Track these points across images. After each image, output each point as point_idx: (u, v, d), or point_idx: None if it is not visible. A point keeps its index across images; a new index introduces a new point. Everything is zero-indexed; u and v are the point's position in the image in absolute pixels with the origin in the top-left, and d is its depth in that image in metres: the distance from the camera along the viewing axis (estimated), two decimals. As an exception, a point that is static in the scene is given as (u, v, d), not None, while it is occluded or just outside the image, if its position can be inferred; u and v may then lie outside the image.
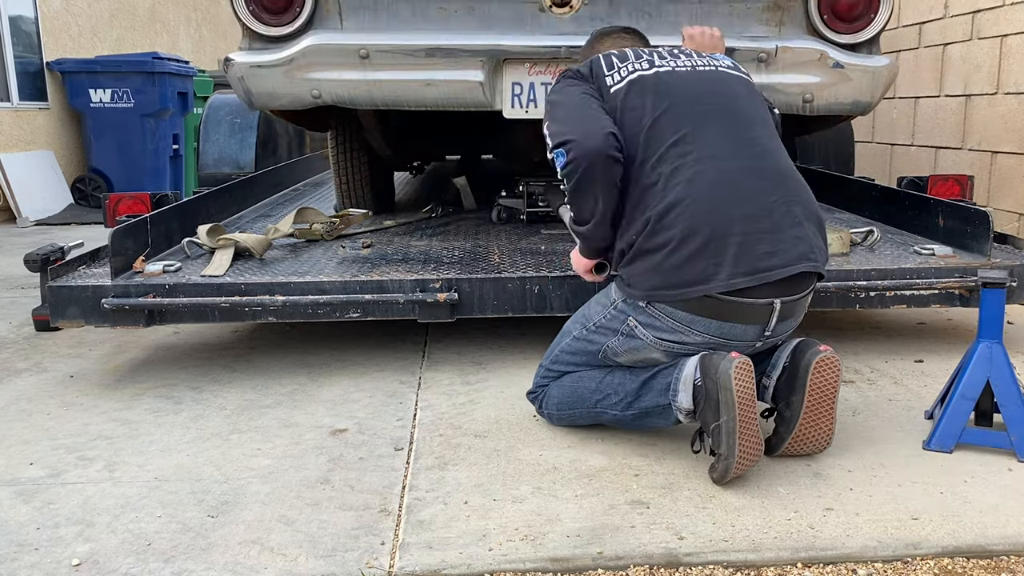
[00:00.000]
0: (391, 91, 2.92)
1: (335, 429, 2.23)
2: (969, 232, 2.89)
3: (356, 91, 2.92)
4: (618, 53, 2.12)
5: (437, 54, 2.87)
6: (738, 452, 1.78)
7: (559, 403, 2.14)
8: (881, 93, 3.03)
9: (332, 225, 3.26)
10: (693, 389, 1.88)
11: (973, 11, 4.95)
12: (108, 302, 2.47)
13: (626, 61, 2.08)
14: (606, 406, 2.05)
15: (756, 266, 1.83)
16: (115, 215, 3.22)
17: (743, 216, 1.85)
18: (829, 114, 3.09)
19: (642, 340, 1.95)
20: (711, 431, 1.83)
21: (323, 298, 2.53)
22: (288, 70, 2.89)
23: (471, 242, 3.17)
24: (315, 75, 2.89)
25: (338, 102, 2.96)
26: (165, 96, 7.70)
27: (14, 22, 7.48)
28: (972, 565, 1.59)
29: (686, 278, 1.84)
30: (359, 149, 3.74)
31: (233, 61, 2.92)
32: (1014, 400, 1.98)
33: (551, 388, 2.17)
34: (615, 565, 1.58)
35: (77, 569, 1.58)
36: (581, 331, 2.10)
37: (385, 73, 2.89)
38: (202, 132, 4.68)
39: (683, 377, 1.90)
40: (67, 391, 2.57)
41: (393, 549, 1.63)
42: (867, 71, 2.97)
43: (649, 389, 1.97)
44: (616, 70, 2.06)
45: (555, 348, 2.18)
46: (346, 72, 2.89)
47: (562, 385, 2.14)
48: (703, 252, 1.83)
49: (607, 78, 2.06)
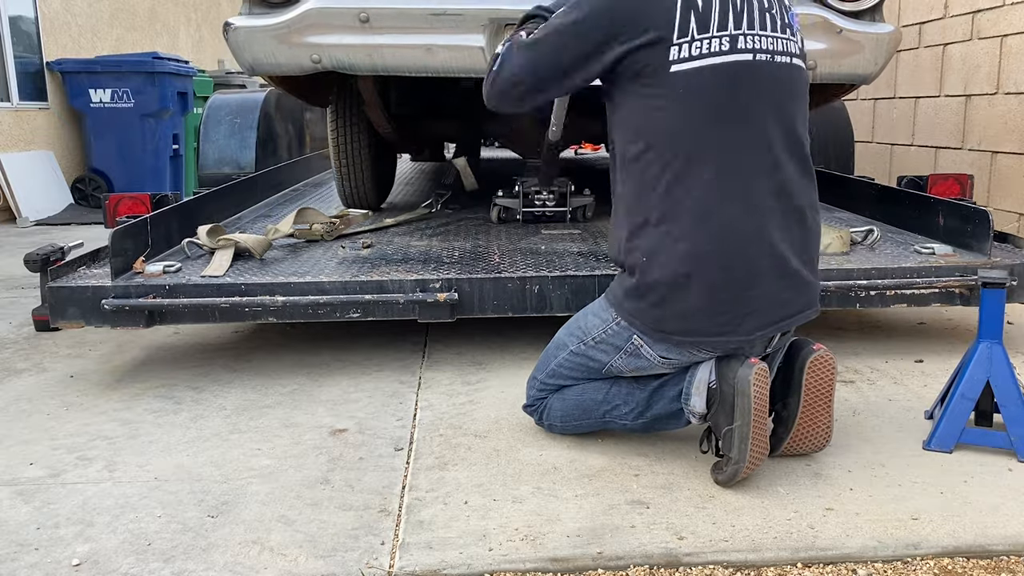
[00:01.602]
0: (391, 56, 2.88)
1: (335, 429, 2.23)
2: (969, 231, 2.89)
3: (356, 56, 2.88)
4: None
5: (438, 18, 2.82)
6: (749, 457, 1.78)
7: (563, 416, 2.08)
8: (884, 62, 2.99)
9: (332, 225, 3.25)
10: (707, 392, 1.86)
11: (973, 11, 4.95)
12: (108, 303, 2.47)
13: (709, 22, 1.74)
14: (615, 416, 2.01)
15: (778, 315, 1.83)
16: (115, 216, 3.22)
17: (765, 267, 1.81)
18: (832, 82, 3.05)
19: (648, 360, 1.90)
20: (723, 434, 1.82)
21: (323, 298, 2.53)
22: (288, 34, 2.85)
23: (471, 242, 3.17)
24: (315, 39, 2.86)
25: (338, 67, 2.91)
26: (165, 96, 7.70)
27: (14, 22, 7.48)
28: (972, 565, 1.59)
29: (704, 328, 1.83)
30: (359, 128, 3.69)
31: (233, 25, 2.88)
32: (1014, 400, 1.98)
33: (552, 401, 2.09)
34: (615, 565, 1.58)
35: (77, 569, 1.58)
36: (579, 346, 2.00)
37: (385, 37, 2.85)
38: (202, 132, 4.68)
39: (696, 381, 1.88)
40: (67, 391, 2.57)
41: (393, 549, 1.63)
42: (870, 38, 2.94)
43: (660, 397, 1.95)
44: (689, 36, 1.73)
45: (550, 361, 2.07)
46: (346, 36, 2.85)
47: (564, 398, 2.07)
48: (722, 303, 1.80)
49: (674, 47, 1.73)
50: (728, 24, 1.76)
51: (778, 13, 1.84)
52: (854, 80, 3.03)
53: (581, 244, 3.10)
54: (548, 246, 3.07)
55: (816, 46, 2.90)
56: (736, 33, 1.76)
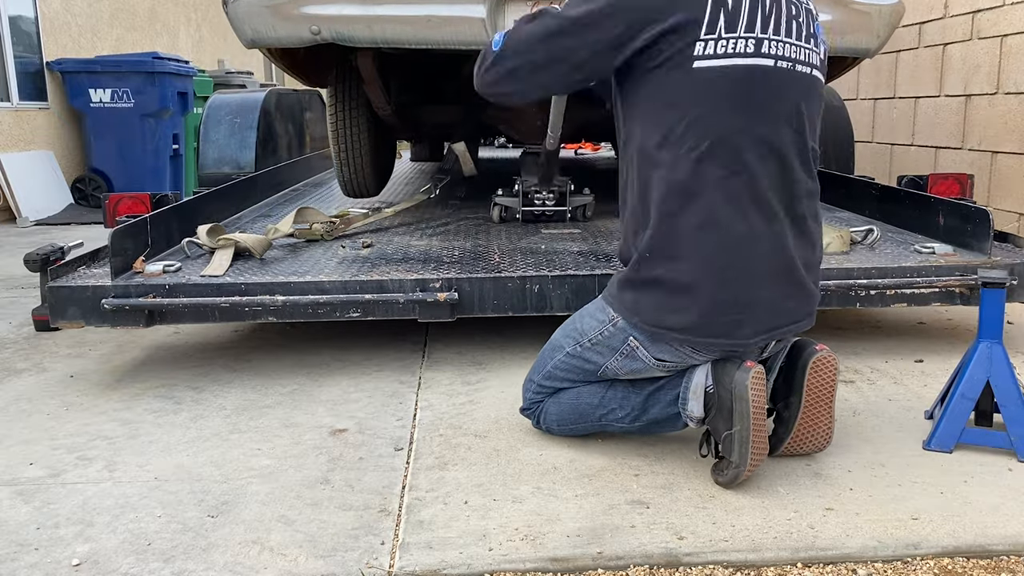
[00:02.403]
0: (391, 28, 2.84)
1: (335, 429, 2.23)
2: (969, 230, 2.89)
3: (355, 28, 2.85)
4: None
5: None
6: (749, 460, 1.78)
7: (559, 419, 2.08)
8: (887, 36, 2.93)
9: (332, 225, 3.25)
10: (705, 396, 1.85)
11: (973, 11, 4.95)
12: (108, 302, 2.47)
13: (737, 22, 1.71)
14: (611, 420, 2.00)
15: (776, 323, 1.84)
16: (115, 215, 3.22)
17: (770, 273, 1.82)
18: (833, 55, 3.03)
19: (644, 362, 1.89)
20: (722, 439, 1.81)
21: (323, 298, 2.53)
22: (287, 5, 2.83)
23: (471, 242, 3.17)
24: (314, 10, 2.83)
25: (337, 39, 2.89)
26: (165, 96, 7.70)
27: (14, 22, 7.48)
28: (972, 565, 1.59)
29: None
30: (358, 112, 3.66)
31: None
32: (1014, 400, 1.98)
33: (548, 404, 2.08)
34: (615, 565, 1.58)
35: (77, 569, 1.58)
36: (575, 347, 1.98)
37: (384, 8, 2.83)
38: (202, 132, 4.68)
39: (693, 386, 1.87)
40: (67, 391, 2.57)
41: (393, 549, 1.63)
42: (876, 9, 2.91)
43: (656, 401, 1.94)
44: (717, 34, 1.71)
45: (546, 363, 2.05)
46: (345, 7, 2.83)
47: (560, 402, 2.06)
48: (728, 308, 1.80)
49: (698, 43, 1.71)
50: (756, 26, 1.73)
51: (804, 22, 1.82)
52: (856, 54, 2.98)
53: (581, 243, 3.10)
54: (548, 245, 3.07)
55: (824, 17, 2.83)
56: (762, 37, 1.74)
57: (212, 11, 11.57)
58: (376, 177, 3.90)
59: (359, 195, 4.12)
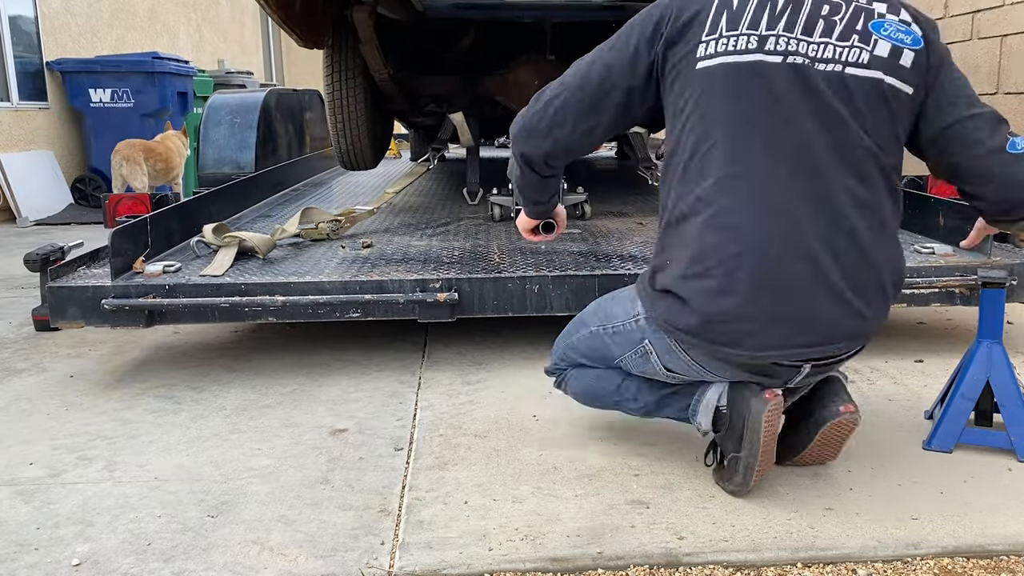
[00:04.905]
0: None
1: (335, 429, 2.23)
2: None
3: None
4: None
5: None
6: (752, 482, 1.78)
7: (578, 392, 2.08)
8: None
9: (338, 224, 3.26)
10: (715, 413, 1.83)
11: (973, 11, 4.95)
12: (108, 303, 2.47)
13: (740, 20, 1.68)
14: (625, 406, 2.01)
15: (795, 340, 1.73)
16: (115, 215, 3.22)
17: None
18: None
19: (654, 368, 1.87)
20: (729, 459, 1.80)
21: (323, 298, 2.53)
22: None
23: (471, 242, 3.17)
24: None
25: None
26: (165, 96, 7.71)
27: (14, 22, 7.48)
28: (972, 565, 1.59)
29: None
30: (356, 80, 3.62)
31: None
32: (1014, 400, 1.98)
33: (570, 376, 2.08)
34: (615, 565, 1.58)
35: (77, 569, 1.58)
36: (598, 329, 1.95)
37: None
38: (202, 132, 4.68)
39: (705, 401, 1.84)
40: (67, 391, 2.57)
41: (393, 549, 1.63)
42: None
43: (669, 404, 1.94)
44: (718, 34, 1.68)
45: (572, 334, 2.04)
46: None
47: (581, 379, 2.05)
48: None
49: (700, 46, 1.69)
50: (760, 24, 1.68)
51: (847, 20, 1.69)
52: None
53: (581, 244, 3.10)
54: (548, 246, 3.06)
55: None
56: (767, 34, 1.67)
57: (212, 11, 11.57)
58: (373, 148, 3.89)
59: (356, 167, 4.10)
